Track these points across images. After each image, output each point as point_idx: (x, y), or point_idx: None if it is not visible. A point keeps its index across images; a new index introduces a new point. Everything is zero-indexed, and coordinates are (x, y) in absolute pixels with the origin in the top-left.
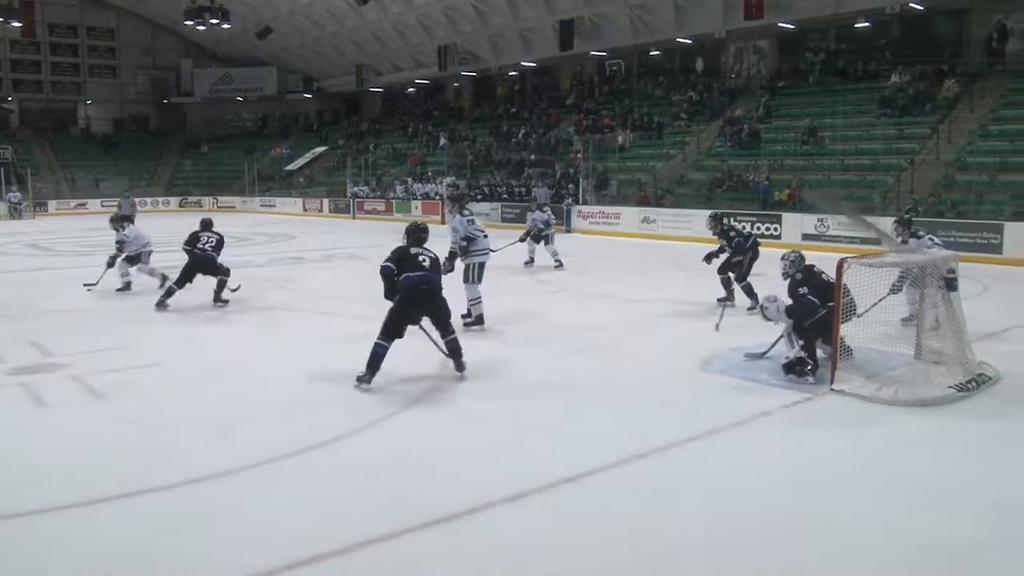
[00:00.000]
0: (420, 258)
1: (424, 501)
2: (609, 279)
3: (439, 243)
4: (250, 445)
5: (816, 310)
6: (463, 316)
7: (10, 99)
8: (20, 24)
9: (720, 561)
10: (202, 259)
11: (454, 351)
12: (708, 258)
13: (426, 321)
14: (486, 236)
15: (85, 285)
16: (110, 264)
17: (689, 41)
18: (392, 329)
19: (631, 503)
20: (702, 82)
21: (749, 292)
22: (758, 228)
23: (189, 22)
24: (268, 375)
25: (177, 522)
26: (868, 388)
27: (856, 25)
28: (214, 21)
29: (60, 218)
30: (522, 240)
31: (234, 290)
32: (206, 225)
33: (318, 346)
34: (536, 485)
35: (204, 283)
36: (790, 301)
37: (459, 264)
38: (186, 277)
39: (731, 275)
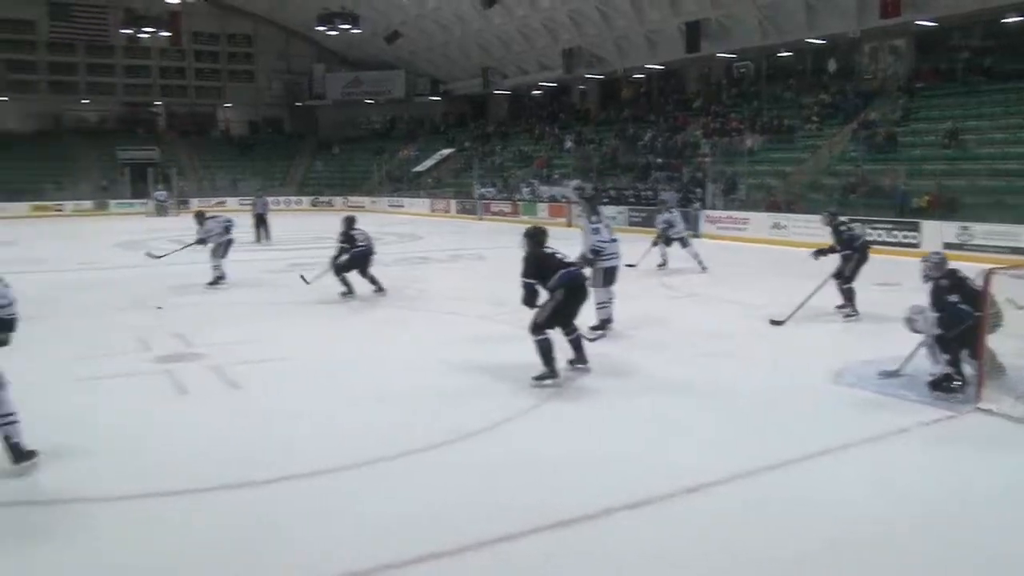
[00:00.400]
0: (558, 256)
1: (544, 504)
2: (738, 285)
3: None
4: (373, 441)
5: (969, 320)
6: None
7: (158, 104)
8: (169, 34)
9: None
10: (362, 256)
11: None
12: (818, 254)
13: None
14: (614, 240)
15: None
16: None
17: (821, 41)
18: (552, 322)
19: (759, 515)
20: (834, 84)
21: (848, 295)
22: (895, 236)
23: (321, 28)
24: (393, 372)
25: (294, 513)
26: (1019, 409)
27: (1004, 20)
28: (345, 26)
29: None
30: (654, 244)
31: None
32: (352, 222)
33: (444, 345)
34: (660, 493)
35: (331, 281)
36: (936, 311)
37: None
38: (346, 269)
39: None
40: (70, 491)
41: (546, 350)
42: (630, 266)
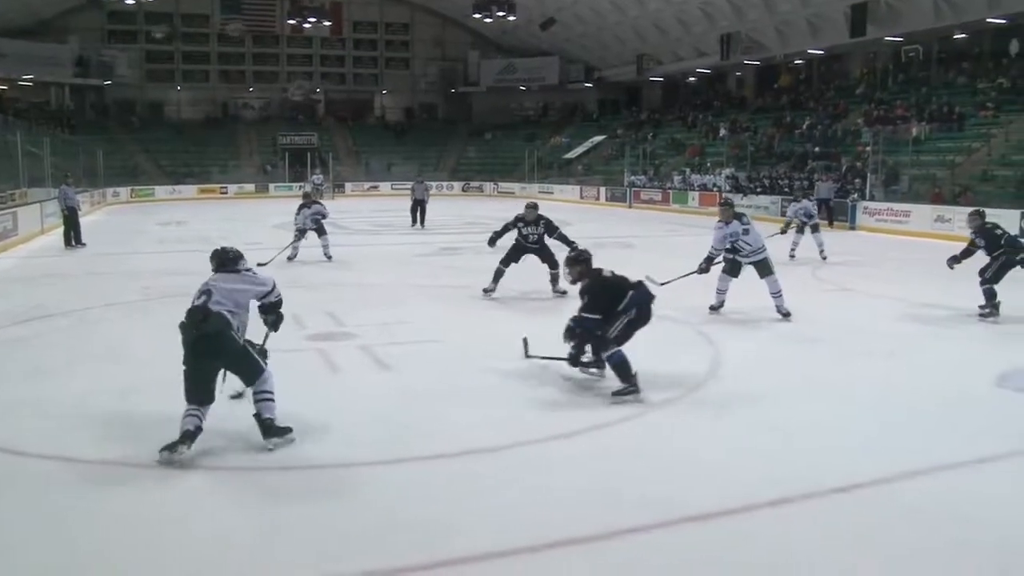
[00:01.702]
0: (618, 275)
1: (677, 499)
2: (895, 280)
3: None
4: (514, 425)
5: None
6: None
7: (319, 91)
8: (330, 23)
9: None
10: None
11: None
12: (953, 261)
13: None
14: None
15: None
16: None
17: (1003, 21)
18: (623, 338)
19: (904, 522)
20: (1015, 67)
21: (990, 296)
22: None
23: (477, 15)
24: (536, 359)
25: (431, 492)
26: None
27: None
28: (501, 13)
29: (355, 199)
30: (783, 232)
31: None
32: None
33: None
34: (802, 492)
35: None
36: None
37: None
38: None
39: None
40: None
41: (620, 364)
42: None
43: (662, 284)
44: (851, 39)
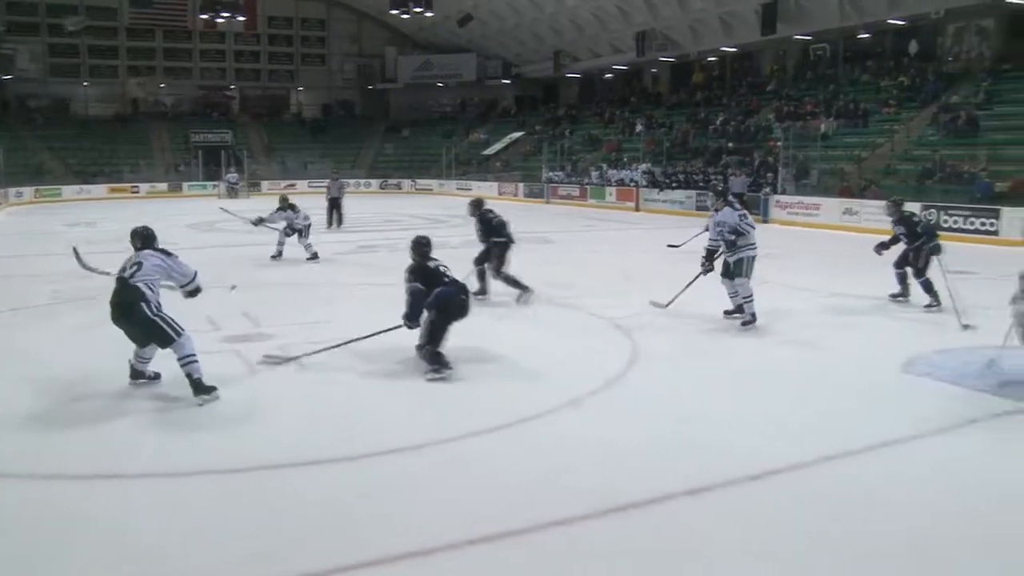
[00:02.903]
0: (442, 270)
1: (603, 489)
2: (808, 272)
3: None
4: (439, 422)
5: None
6: (727, 313)
7: (232, 87)
8: (244, 18)
9: (916, 570)
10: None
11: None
12: (880, 247)
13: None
14: (754, 229)
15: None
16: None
17: (902, 22)
18: (436, 341)
19: (820, 506)
20: (915, 66)
21: (928, 288)
22: (972, 223)
23: (394, 11)
24: (453, 353)
25: (362, 491)
26: None
27: None
28: (418, 9)
29: (272, 198)
30: (707, 228)
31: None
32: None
33: (502, 326)
34: (721, 480)
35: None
36: None
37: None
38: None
39: (907, 270)
40: (166, 465)
41: (431, 356)
42: (673, 246)
43: (667, 305)
44: (762, 37)
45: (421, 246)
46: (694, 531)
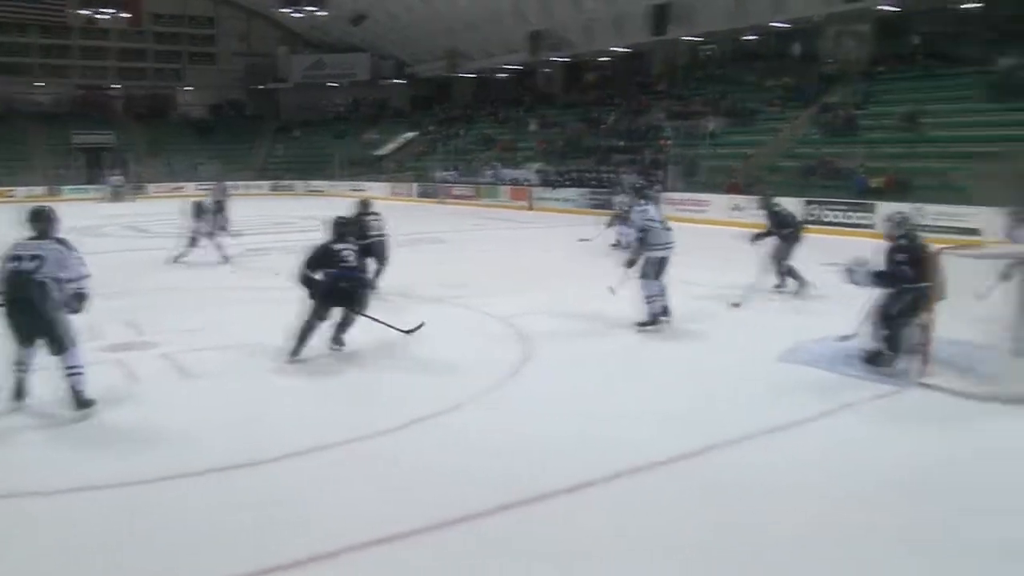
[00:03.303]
0: (344, 253)
1: (504, 486)
2: (697, 267)
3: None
4: (334, 423)
5: (906, 284)
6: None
7: (115, 86)
8: (129, 15)
9: (808, 555)
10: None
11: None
12: (756, 239)
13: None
14: (669, 229)
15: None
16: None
17: (786, 25)
18: (311, 324)
19: (703, 496)
20: (797, 68)
21: (791, 274)
22: (850, 217)
23: (285, 9)
24: (347, 356)
25: (270, 496)
26: (961, 384)
27: (963, 6)
28: (310, 8)
29: (158, 201)
30: (610, 224)
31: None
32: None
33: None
34: (602, 475)
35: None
36: (881, 267)
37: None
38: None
39: (785, 262)
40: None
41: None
42: (584, 240)
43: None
44: (653, 38)
45: (338, 225)
46: (581, 528)
